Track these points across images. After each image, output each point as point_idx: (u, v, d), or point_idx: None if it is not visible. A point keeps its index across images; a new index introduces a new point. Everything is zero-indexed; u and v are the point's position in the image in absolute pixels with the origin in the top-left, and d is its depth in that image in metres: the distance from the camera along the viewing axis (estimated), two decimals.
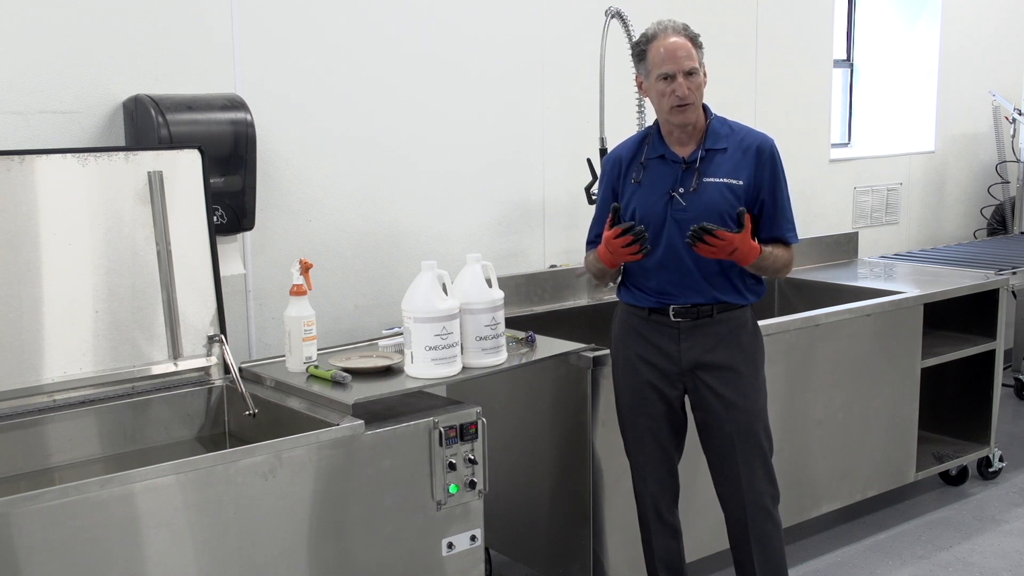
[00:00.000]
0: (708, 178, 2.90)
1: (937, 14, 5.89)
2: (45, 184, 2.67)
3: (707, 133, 2.94)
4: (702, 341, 2.94)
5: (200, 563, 2.35)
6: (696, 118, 2.91)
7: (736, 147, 2.93)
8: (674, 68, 2.83)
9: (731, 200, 2.87)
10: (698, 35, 2.91)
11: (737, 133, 2.96)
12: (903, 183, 5.80)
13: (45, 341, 2.68)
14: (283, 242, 3.49)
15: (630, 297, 3.03)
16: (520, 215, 4.11)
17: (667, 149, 2.96)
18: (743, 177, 2.89)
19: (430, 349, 2.75)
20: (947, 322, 4.46)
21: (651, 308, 2.98)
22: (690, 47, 2.86)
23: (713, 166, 2.91)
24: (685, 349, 2.95)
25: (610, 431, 3.22)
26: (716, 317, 2.94)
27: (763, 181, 2.92)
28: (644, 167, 2.97)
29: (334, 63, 3.56)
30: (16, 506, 2.11)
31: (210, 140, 3.00)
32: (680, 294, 2.93)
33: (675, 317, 2.94)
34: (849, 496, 4.00)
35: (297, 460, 2.46)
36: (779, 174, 2.95)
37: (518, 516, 3.49)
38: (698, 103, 2.89)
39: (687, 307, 2.93)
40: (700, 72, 2.88)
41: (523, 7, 4.04)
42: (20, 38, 2.95)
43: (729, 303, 2.95)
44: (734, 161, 2.91)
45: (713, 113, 2.98)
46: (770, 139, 2.96)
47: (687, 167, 2.92)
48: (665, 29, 2.88)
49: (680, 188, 2.90)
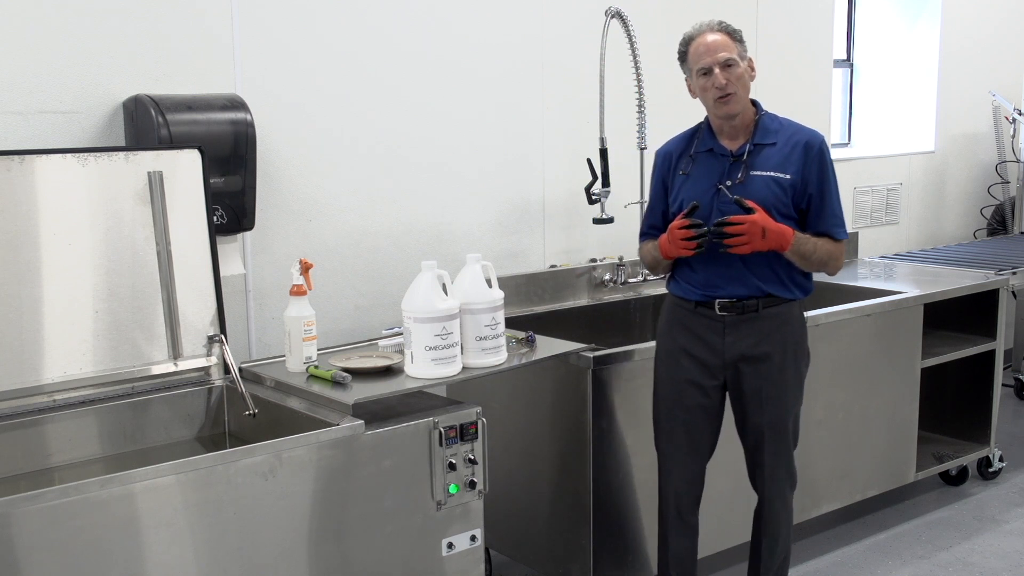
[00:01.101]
0: (755, 171, 2.94)
1: (937, 14, 5.88)
2: (45, 184, 2.67)
3: (756, 127, 2.99)
4: (747, 335, 2.98)
5: (200, 563, 2.35)
6: (742, 109, 2.95)
7: (785, 142, 2.97)
8: (710, 62, 2.90)
9: (778, 193, 2.91)
10: (737, 30, 2.97)
11: (787, 129, 3.01)
12: (903, 183, 5.80)
13: (45, 341, 2.68)
14: (283, 242, 3.49)
15: (678, 290, 3.08)
16: (520, 215, 4.11)
17: (716, 143, 3.01)
18: (791, 172, 2.93)
19: (430, 349, 2.75)
20: (947, 322, 4.46)
21: (697, 301, 3.02)
22: (727, 40, 2.92)
23: (761, 160, 2.95)
24: (729, 343, 2.99)
25: (610, 431, 3.23)
26: (762, 312, 2.98)
27: (811, 176, 2.96)
28: (693, 160, 3.03)
29: (334, 63, 3.56)
30: (16, 506, 2.11)
31: (210, 140, 3.00)
32: (726, 286, 2.97)
33: (720, 311, 2.98)
34: (849, 496, 4.01)
35: (297, 460, 2.46)
36: (827, 170, 2.98)
37: (518, 516, 3.49)
38: (741, 94, 2.93)
39: (732, 301, 2.97)
40: (740, 63, 2.92)
41: (523, 7, 4.04)
42: (20, 38, 2.95)
43: (775, 296, 2.98)
44: (782, 156, 2.95)
45: (763, 109, 3.03)
46: (820, 135, 3.00)
47: (735, 160, 2.97)
48: (701, 28, 2.96)
49: (727, 180, 2.94)
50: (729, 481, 3.35)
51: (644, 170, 4.14)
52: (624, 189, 4.11)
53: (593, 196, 3.96)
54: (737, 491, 3.30)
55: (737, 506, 3.39)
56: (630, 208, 4.14)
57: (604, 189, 3.96)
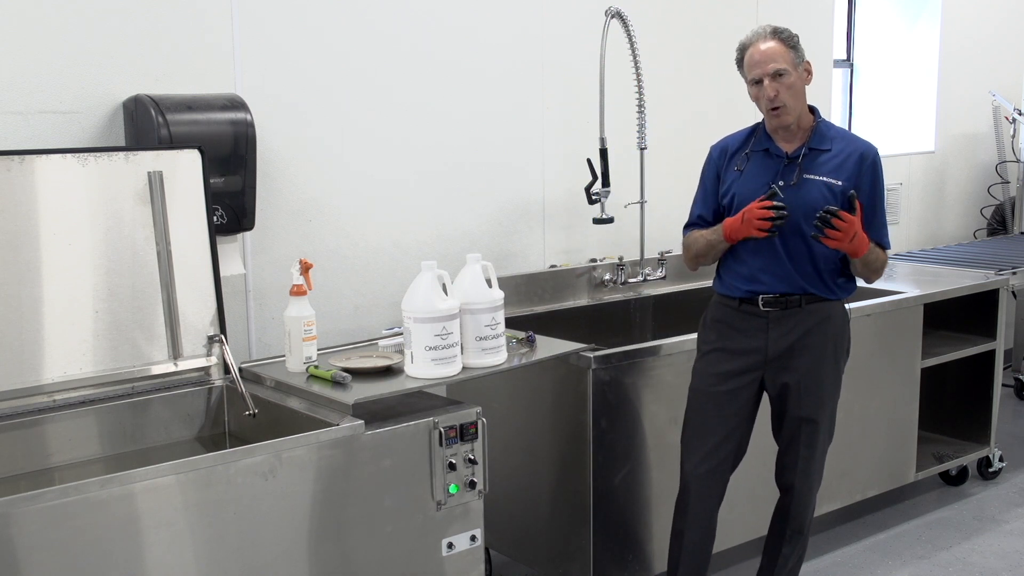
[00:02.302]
0: (809, 175, 2.99)
1: (937, 14, 5.89)
2: (45, 184, 2.67)
3: (813, 132, 3.04)
4: (791, 331, 3.03)
5: (200, 563, 2.35)
6: (794, 119, 3.00)
7: (841, 150, 3.03)
8: (760, 73, 2.96)
9: (829, 198, 2.96)
10: (793, 35, 3.01)
11: (843, 138, 3.08)
12: (903, 183, 5.80)
13: (45, 341, 2.68)
14: (283, 242, 3.49)
15: (722, 287, 3.12)
16: (520, 215, 4.11)
17: (772, 144, 3.06)
18: (843, 179, 2.99)
19: (430, 349, 2.75)
20: (947, 322, 4.46)
21: (741, 299, 3.06)
22: (780, 49, 2.97)
23: (815, 164, 3.01)
24: (773, 339, 3.03)
25: (610, 431, 3.23)
26: (805, 308, 3.03)
27: (863, 185, 3.01)
28: (748, 158, 3.07)
29: (334, 63, 3.56)
30: (16, 506, 2.11)
31: (210, 140, 3.00)
32: (769, 282, 3.01)
33: (764, 307, 3.03)
34: (849, 496, 4.01)
35: (297, 460, 2.46)
36: (879, 181, 3.06)
37: (518, 516, 3.49)
38: (791, 104, 2.97)
39: (776, 296, 3.02)
40: (792, 72, 2.96)
41: (523, 7, 4.04)
42: (20, 38, 2.95)
43: (816, 295, 3.03)
44: (837, 163, 3.01)
45: (821, 115, 3.08)
46: (874, 147, 3.06)
47: (789, 162, 3.02)
48: (756, 36, 3.01)
49: (780, 181, 2.98)
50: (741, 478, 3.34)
51: (644, 170, 4.14)
52: (624, 189, 4.11)
53: (593, 196, 3.96)
54: (751, 487, 3.30)
55: (750, 503, 3.40)
56: (630, 208, 4.14)
57: (604, 189, 3.96)
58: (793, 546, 3.18)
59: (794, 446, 3.10)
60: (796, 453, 3.10)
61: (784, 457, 3.15)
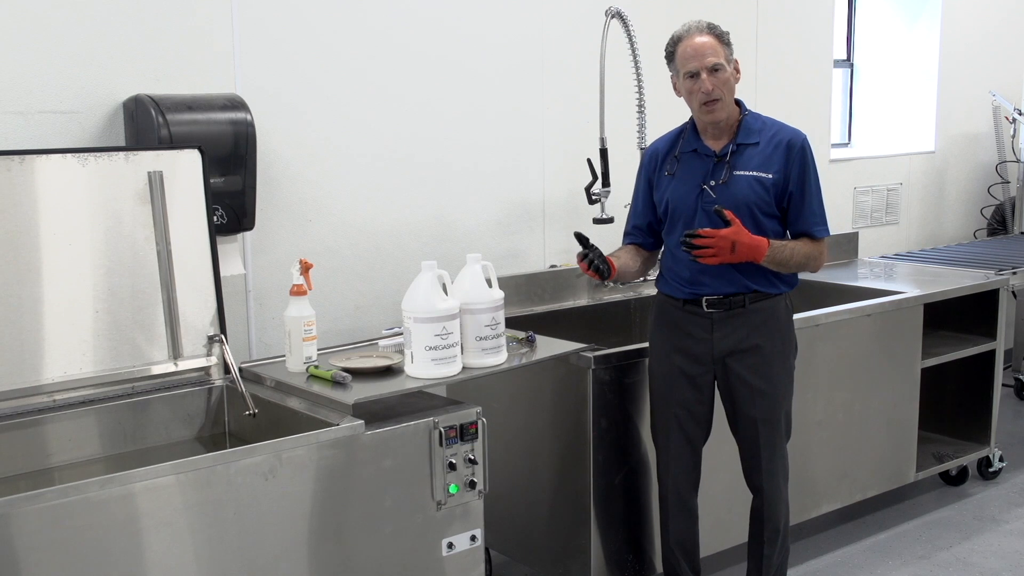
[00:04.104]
0: (738, 171, 2.98)
1: (937, 14, 5.88)
2: (45, 184, 2.67)
3: (739, 128, 3.02)
4: (735, 331, 3.02)
5: (200, 563, 2.35)
6: (727, 115, 2.99)
7: (768, 142, 3.00)
8: (697, 66, 2.93)
9: (760, 193, 2.95)
10: (725, 32, 3.00)
11: (770, 128, 3.04)
12: (903, 183, 5.80)
13: (45, 341, 2.68)
14: (283, 242, 3.49)
15: (667, 288, 3.13)
16: (520, 215, 4.11)
17: (700, 143, 3.04)
18: (773, 171, 2.97)
19: (430, 349, 2.75)
20: (947, 322, 4.46)
21: (685, 299, 3.06)
22: (715, 44, 2.95)
23: (744, 160, 2.99)
24: (718, 339, 3.03)
25: (610, 431, 3.23)
26: (749, 307, 3.02)
27: (792, 175, 2.99)
28: (678, 160, 3.06)
29: (334, 63, 3.56)
30: (16, 506, 2.11)
31: (210, 140, 3.00)
32: (712, 284, 3.01)
33: (708, 308, 3.02)
34: (849, 496, 4.00)
35: (297, 460, 2.46)
36: (808, 169, 3.01)
37: (518, 516, 3.49)
38: (727, 99, 2.96)
39: (719, 298, 3.02)
40: (727, 68, 2.95)
41: (523, 7, 4.04)
42: (20, 38, 2.95)
43: (761, 292, 3.02)
44: (764, 155, 2.99)
45: (747, 109, 3.06)
46: (802, 134, 3.03)
47: (718, 160, 3.00)
48: (690, 30, 2.98)
49: (711, 181, 2.97)
50: (727, 480, 3.35)
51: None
52: (624, 189, 4.09)
53: (593, 196, 3.96)
54: (735, 491, 3.29)
55: (735, 506, 3.39)
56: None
57: (604, 189, 3.96)
58: (774, 546, 3.17)
59: (754, 448, 3.10)
60: (758, 455, 3.09)
61: (747, 460, 3.14)
